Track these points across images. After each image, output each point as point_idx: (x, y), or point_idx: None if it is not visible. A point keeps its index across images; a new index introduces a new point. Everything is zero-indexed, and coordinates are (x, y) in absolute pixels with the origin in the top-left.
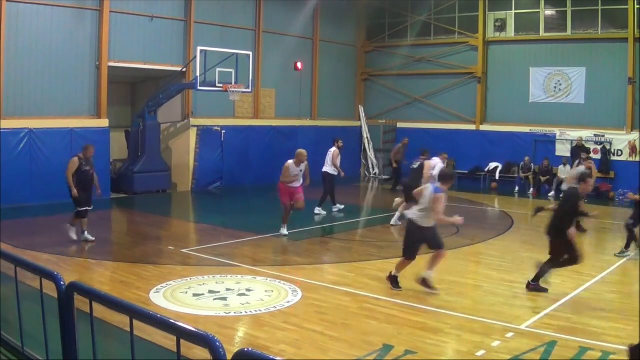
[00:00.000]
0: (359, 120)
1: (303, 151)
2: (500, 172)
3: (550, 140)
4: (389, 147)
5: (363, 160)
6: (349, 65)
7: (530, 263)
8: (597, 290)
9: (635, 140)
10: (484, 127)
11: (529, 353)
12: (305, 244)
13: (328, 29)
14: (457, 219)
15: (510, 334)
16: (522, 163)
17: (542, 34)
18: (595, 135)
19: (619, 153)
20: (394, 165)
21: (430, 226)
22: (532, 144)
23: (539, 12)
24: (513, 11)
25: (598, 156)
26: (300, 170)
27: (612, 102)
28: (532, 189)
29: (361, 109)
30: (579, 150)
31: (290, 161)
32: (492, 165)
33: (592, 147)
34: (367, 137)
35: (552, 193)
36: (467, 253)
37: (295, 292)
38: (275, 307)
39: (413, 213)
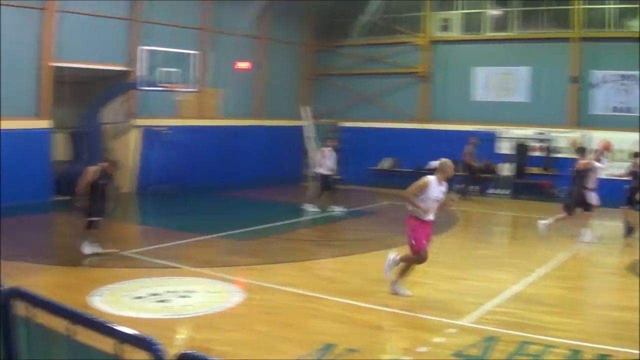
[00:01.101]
0: (305, 119)
1: (449, 162)
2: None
3: (493, 139)
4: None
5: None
6: (298, 65)
7: (474, 259)
8: (540, 284)
9: (577, 138)
10: (429, 126)
11: (470, 348)
12: (252, 244)
13: (277, 28)
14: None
15: (452, 330)
16: (465, 161)
17: (487, 33)
18: (538, 134)
19: (561, 151)
20: (472, 165)
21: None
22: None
23: (484, 11)
24: (458, 11)
25: (541, 154)
26: (443, 193)
27: (554, 100)
28: (474, 187)
29: (306, 108)
30: (522, 149)
31: (432, 177)
32: (436, 163)
33: (535, 144)
34: (309, 137)
35: (494, 190)
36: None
37: (239, 292)
38: (218, 309)
39: None
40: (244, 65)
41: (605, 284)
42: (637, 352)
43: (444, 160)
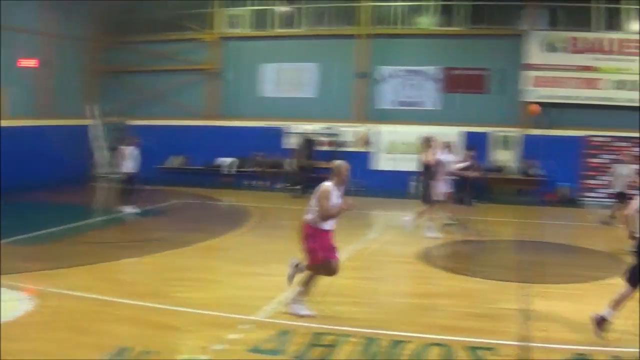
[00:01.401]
0: (92, 118)
1: (344, 163)
2: (236, 166)
3: (282, 134)
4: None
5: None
6: (86, 62)
7: (267, 254)
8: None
9: (364, 132)
10: (219, 123)
11: (267, 342)
12: (42, 249)
13: (64, 24)
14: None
15: (247, 326)
16: (254, 157)
17: (276, 30)
18: (326, 128)
19: (348, 144)
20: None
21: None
22: (265, 138)
23: (273, 8)
24: (247, 7)
25: (329, 148)
26: (340, 197)
27: (342, 95)
28: (262, 182)
29: (93, 107)
30: (309, 143)
31: (329, 183)
32: (227, 160)
33: (323, 139)
34: (96, 136)
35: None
36: (205, 248)
37: (30, 300)
38: (8, 319)
39: None
40: (29, 62)
41: (397, 273)
42: (432, 336)
43: (338, 162)
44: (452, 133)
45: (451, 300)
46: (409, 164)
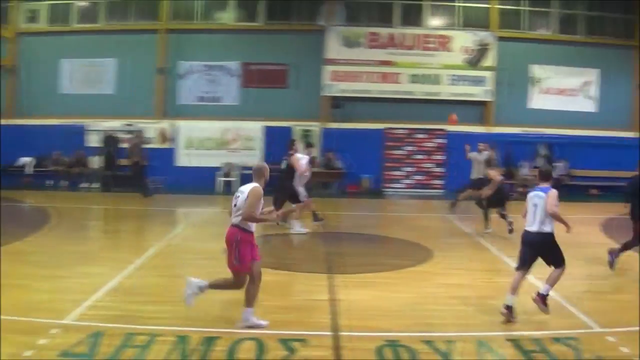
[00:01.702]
0: None
1: (266, 164)
2: (34, 166)
3: (84, 132)
4: None
5: None
6: None
7: (70, 256)
8: (138, 275)
9: (165, 128)
10: (18, 121)
11: (77, 346)
12: None
13: None
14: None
15: (56, 330)
16: (53, 156)
17: (75, 25)
18: (127, 125)
19: (150, 140)
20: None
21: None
22: (66, 136)
23: (72, 3)
24: (45, 2)
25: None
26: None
27: (142, 91)
28: (64, 181)
29: None
30: (112, 141)
31: (258, 185)
32: (24, 160)
33: (125, 136)
34: None
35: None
36: (5, 252)
37: None
38: None
39: None
40: None
41: (204, 269)
42: (243, 331)
43: (261, 163)
44: (254, 128)
45: (260, 294)
46: (212, 159)
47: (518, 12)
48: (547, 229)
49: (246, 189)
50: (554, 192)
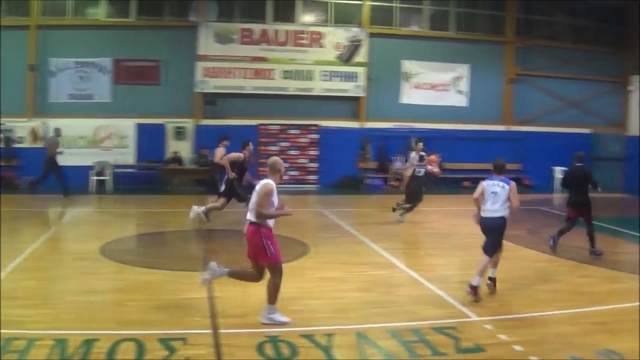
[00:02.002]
0: None
1: (280, 159)
2: None
3: None
4: None
5: None
6: None
7: None
8: (12, 278)
9: (36, 127)
10: None
11: None
12: None
13: None
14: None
15: None
16: None
17: None
18: None
19: (21, 140)
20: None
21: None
22: None
23: None
24: None
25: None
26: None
27: (12, 89)
28: None
29: None
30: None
31: (271, 181)
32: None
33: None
34: None
35: None
36: None
37: None
38: None
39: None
40: None
41: (79, 270)
42: (122, 332)
43: (276, 158)
44: (126, 125)
45: (136, 295)
46: (85, 158)
47: (390, 8)
48: (504, 214)
49: (259, 186)
50: (514, 184)
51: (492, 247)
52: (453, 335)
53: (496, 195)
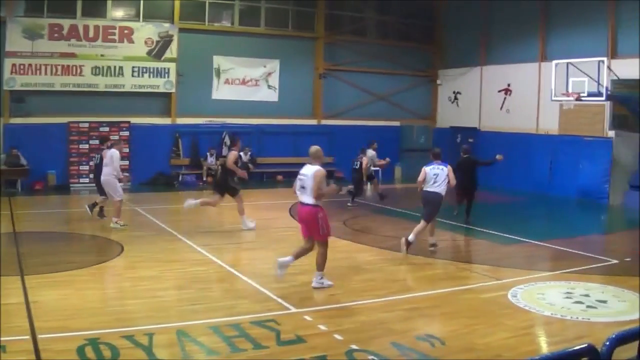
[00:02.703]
0: None
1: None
2: None
3: None
4: None
5: None
6: None
7: None
8: None
9: None
10: None
11: None
12: None
13: None
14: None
15: None
16: None
17: None
18: None
19: None
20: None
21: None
22: None
23: None
24: None
25: None
26: None
27: None
28: None
29: None
30: None
31: (319, 167)
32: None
33: None
34: None
35: None
36: None
37: None
38: None
39: None
40: None
41: None
42: None
43: (317, 147)
44: None
45: None
46: None
47: (200, 4)
48: (442, 191)
49: (309, 171)
50: (450, 167)
51: (430, 216)
52: (273, 328)
53: (437, 176)
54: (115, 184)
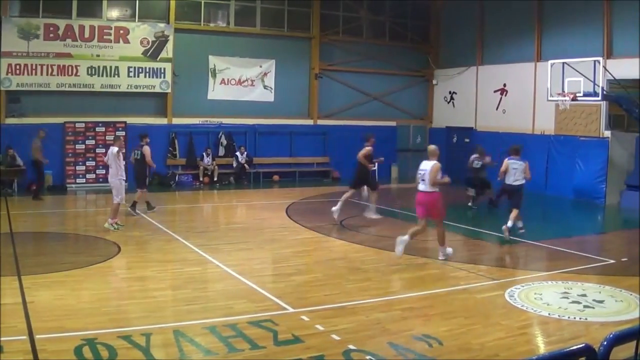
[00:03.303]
0: None
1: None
2: None
3: None
4: None
5: None
6: None
7: None
8: None
9: None
10: None
11: None
12: None
13: None
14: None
15: None
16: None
17: None
18: None
19: None
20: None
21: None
22: None
23: None
24: None
25: None
26: None
27: None
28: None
29: None
30: None
31: (436, 162)
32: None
33: None
34: None
35: None
36: None
37: None
38: None
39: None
40: None
41: None
42: None
43: (434, 146)
44: None
45: None
46: None
47: (196, 4)
48: (522, 182)
49: (427, 166)
50: (527, 163)
51: (519, 205)
52: (270, 328)
53: (516, 170)
54: (121, 186)
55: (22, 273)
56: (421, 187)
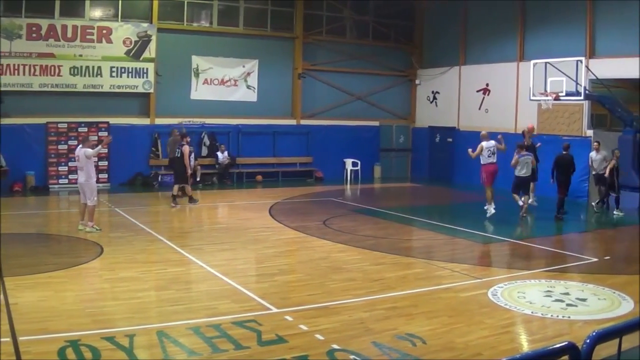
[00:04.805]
0: None
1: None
2: None
3: None
4: None
5: None
6: None
7: None
8: None
9: None
10: None
11: None
12: None
13: None
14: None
15: None
16: None
17: None
18: None
19: None
20: None
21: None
22: None
23: None
24: None
25: None
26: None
27: None
28: None
29: None
30: None
31: (492, 141)
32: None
33: None
34: None
35: None
36: None
37: None
38: None
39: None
40: None
41: None
42: None
43: (484, 132)
44: None
45: None
46: None
47: (179, 4)
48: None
49: (491, 144)
50: (533, 157)
51: (528, 189)
52: (254, 328)
53: (527, 164)
54: (95, 188)
55: (5, 274)
56: (492, 159)
